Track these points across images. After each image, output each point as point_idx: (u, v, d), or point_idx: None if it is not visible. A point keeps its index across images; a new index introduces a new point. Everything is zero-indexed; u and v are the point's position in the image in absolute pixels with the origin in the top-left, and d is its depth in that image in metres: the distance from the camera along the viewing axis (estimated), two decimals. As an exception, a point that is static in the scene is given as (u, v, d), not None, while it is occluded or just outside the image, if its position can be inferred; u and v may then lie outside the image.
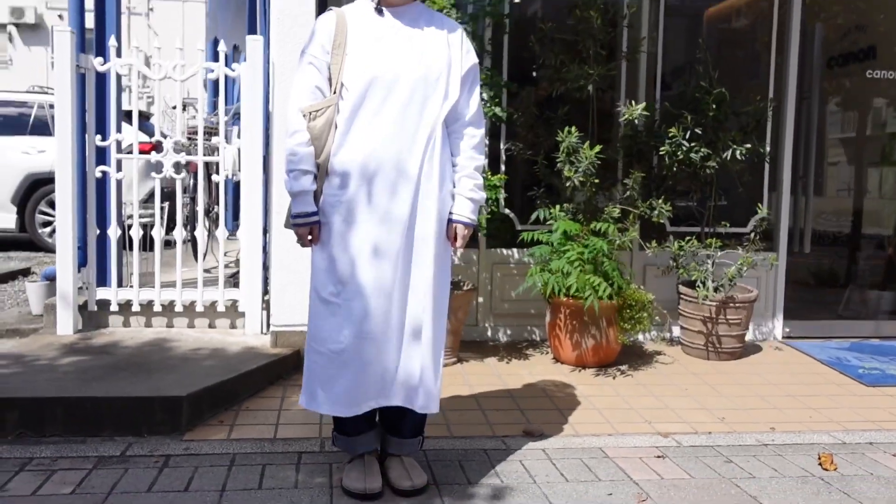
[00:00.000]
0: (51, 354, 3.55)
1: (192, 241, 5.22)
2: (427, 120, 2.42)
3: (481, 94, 3.90)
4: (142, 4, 21.29)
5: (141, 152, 4.45)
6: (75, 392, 2.99)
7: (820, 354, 4.43)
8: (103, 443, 2.87)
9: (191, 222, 5.23)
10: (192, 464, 2.70)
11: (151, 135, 4.30)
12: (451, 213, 2.52)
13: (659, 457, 2.91)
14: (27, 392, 2.97)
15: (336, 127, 2.41)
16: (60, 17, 22.33)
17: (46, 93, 8.85)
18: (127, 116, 4.20)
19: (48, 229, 8.04)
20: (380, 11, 2.46)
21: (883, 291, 5.38)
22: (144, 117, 8.65)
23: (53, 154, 4.01)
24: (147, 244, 4.49)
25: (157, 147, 4.16)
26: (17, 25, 23.84)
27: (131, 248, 4.27)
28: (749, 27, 5.20)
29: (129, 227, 4.25)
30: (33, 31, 23.88)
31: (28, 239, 8.13)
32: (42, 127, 8.20)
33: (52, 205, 7.92)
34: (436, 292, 2.46)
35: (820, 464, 2.88)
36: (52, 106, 7.86)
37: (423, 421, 2.61)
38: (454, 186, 2.54)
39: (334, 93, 2.42)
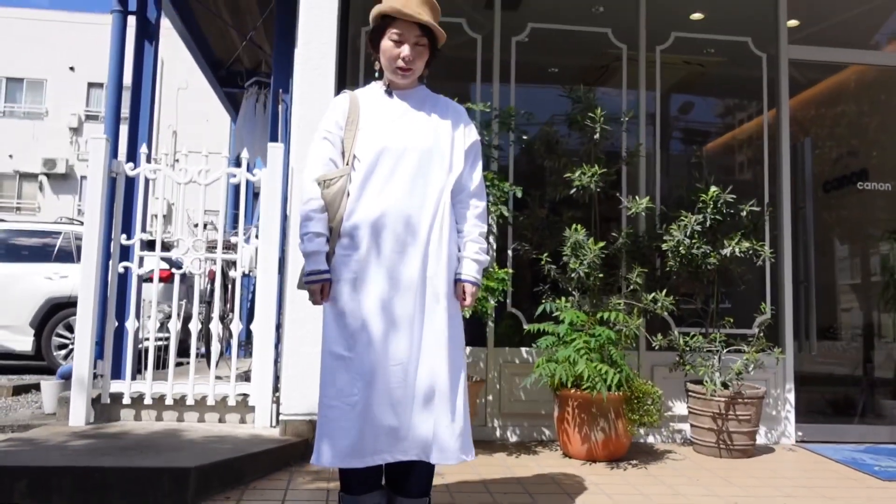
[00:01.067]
0: (61, 438, 3.57)
1: (207, 353, 5.32)
2: (434, 188, 2.60)
3: (488, 196, 4.15)
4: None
5: (161, 279, 4.63)
6: (84, 463, 3.02)
7: (834, 455, 4.36)
8: (109, 513, 2.87)
9: (205, 328, 5.34)
10: (196, 530, 2.69)
11: (170, 264, 4.54)
12: (458, 273, 2.64)
13: (669, 531, 2.86)
14: (36, 462, 3.00)
15: (348, 195, 2.58)
16: (72, 68, 23.11)
17: (72, 223, 9.22)
18: (149, 246, 4.40)
19: (63, 352, 8.15)
20: (389, 94, 2.70)
21: (896, 400, 5.36)
22: (165, 248, 8.99)
23: (75, 279, 4.17)
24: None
25: (178, 265, 4.33)
26: (48, 175, 25.09)
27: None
28: (743, 148, 5.51)
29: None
30: (63, 181, 25.09)
31: (44, 366, 8.20)
32: (66, 255, 8.47)
33: (69, 328, 8.15)
34: (450, 348, 2.54)
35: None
36: (77, 238, 8.22)
37: (429, 479, 2.61)
38: (459, 251, 2.68)
39: (347, 164, 2.61)
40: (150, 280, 4.33)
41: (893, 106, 5.64)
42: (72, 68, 25.52)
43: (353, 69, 4.82)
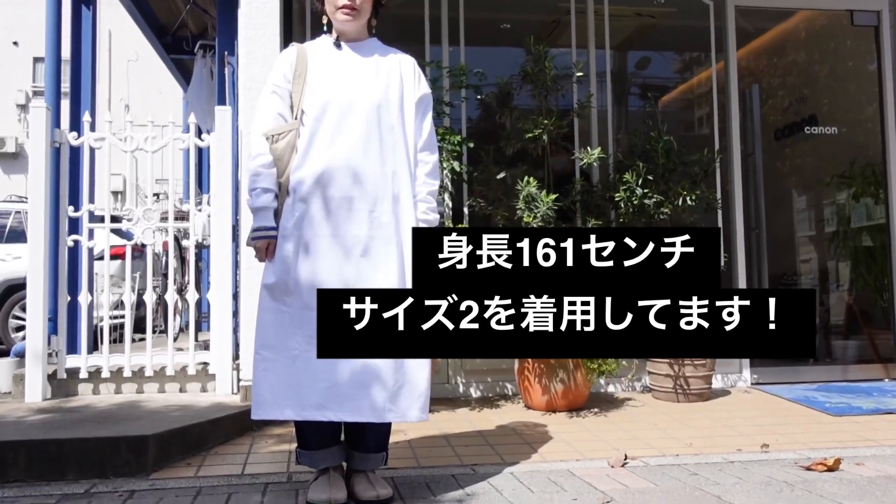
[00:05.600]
0: (18, 414, 3.53)
1: (165, 325, 5.26)
2: (386, 143, 2.57)
3: (440, 152, 4.12)
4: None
5: (113, 256, 4.53)
6: (38, 436, 2.98)
7: (788, 395, 4.48)
8: (67, 484, 2.84)
9: (162, 300, 5.28)
10: (157, 496, 2.68)
11: (122, 237, 4.42)
12: None
13: (626, 473, 2.92)
14: (-10, 438, 2.96)
15: (297, 150, 2.55)
16: (15, 43, 22.64)
17: (23, 201, 8.99)
18: (99, 220, 4.29)
19: (21, 334, 8.00)
20: (338, 45, 2.66)
21: (847, 341, 5.50)
22: (116, 220, 8.82)
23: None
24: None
25: (130, 237, 4.24)
26: (-4, 155, 24.40)
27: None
28: (695, 100, 5.54)
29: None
30: (14, 160, 24.34)
31: (2, 349, 8.03)
32: (19, 235, 8.26)
33: (25, 309, 7.99)
34: None
35: (809, 468, 2.95)
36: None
37: (387, 435, 2.63)
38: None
39: (295, 118, 2.58)
40: (102, 258, 4.26)
41: (841, 53, 5.70)
42: (15, 43, 24.68)
43: (300, 28, 4.74)
